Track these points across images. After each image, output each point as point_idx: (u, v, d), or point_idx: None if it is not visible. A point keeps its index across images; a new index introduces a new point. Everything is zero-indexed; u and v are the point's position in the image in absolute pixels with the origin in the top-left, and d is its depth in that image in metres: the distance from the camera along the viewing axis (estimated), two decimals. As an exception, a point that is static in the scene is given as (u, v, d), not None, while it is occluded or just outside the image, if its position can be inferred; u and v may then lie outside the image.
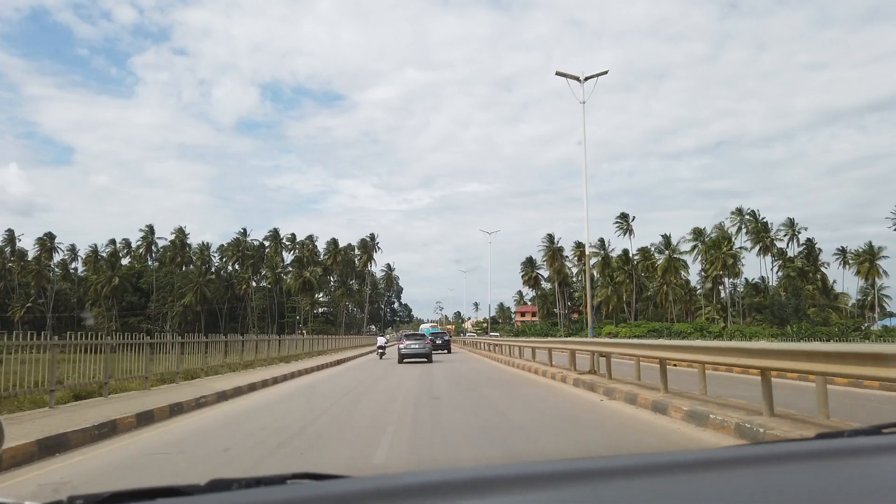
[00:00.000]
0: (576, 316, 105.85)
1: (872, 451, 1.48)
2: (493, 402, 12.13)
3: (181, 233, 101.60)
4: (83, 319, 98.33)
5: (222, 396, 12.94)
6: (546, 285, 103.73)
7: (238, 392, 14.01)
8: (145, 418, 9.46)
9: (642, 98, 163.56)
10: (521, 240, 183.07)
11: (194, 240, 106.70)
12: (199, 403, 11.65)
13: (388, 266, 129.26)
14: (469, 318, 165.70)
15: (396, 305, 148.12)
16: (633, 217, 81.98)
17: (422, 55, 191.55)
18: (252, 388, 15.05)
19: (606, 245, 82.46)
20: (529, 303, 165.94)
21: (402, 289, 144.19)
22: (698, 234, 78.79)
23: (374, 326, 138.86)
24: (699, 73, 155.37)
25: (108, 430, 8.33)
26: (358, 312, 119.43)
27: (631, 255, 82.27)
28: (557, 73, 21.84)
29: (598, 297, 78.09)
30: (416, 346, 28.37)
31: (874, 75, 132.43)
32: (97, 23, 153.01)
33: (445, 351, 40.42)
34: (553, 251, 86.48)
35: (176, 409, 10.61)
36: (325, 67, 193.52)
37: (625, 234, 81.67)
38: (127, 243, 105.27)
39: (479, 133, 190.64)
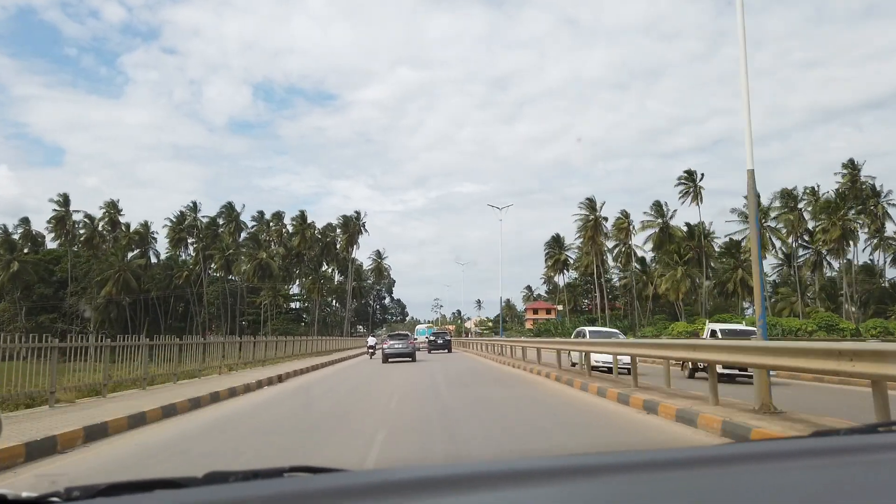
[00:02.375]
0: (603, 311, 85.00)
1: (868, 449, 1.45)
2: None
3: (112, 207, 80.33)
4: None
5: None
6: (563, 275, 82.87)
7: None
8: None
9: (637, 97, 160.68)
10: (518, 240, 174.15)
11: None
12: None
13: (378, 253, 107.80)
14: (469, 318, 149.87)
15: (388, 301, 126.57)
16: (703, 175, 60.60)
17: (415, 54, 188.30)
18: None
19: (665, 211, 60.77)
20: (542, 297, 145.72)
21: (395, 281, 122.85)
22: (788, 197, 57.88)
23: (361, 327, 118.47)
24: (694, 72, 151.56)
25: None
26: (340, 309, 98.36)
27: (699, 226, 60.70)
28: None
29: (665, 282, 57.07)
30: (400, 346, 28.84)
31: (870, 73, 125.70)
32: (85, 21, 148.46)
33: (445, 350, 41.34)
34: (596, 221, 64.49)
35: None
36: (317, 66, 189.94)
37: (691, 200, 60.34)
38: (59, 221, 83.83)
39: (475, 133, 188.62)
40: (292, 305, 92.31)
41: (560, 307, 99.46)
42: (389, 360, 28.31)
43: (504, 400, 12.57)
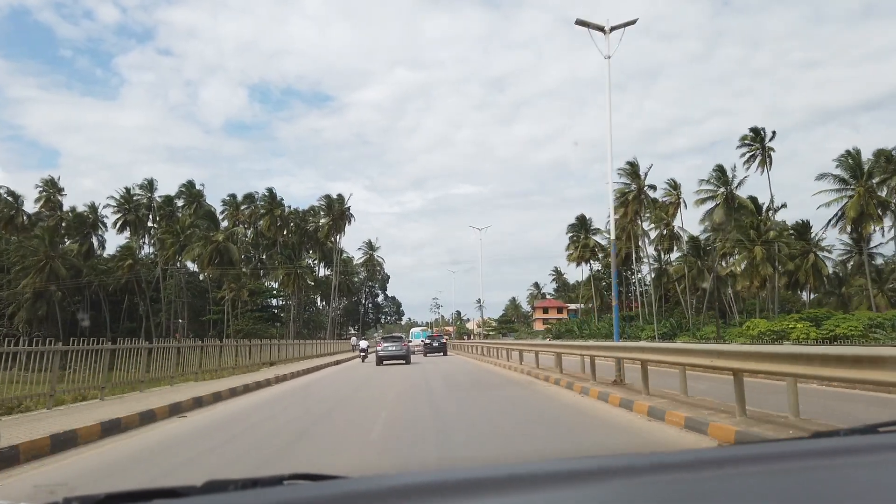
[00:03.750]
0: (629, 308, 72.45)
1: (868, 449, 1.47)
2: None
3: (51, 186, 67.56)
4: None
5: None
6: (589, 265, 69.91)
7: None
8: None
9: (635, 97, 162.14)
10: (515, 241, 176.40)
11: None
12: None
13: (370, 244, 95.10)
14: (469, 319, 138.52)
15: (381, 299, 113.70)
16: (773, 133, 47.70)
17: (413, 55, 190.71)
18: None
19: (730, 177, 47.51)
20: (550, 296, 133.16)
21: (389, 277, 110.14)
22: (888, 160, 45.28)
23: (353, 328, 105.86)
24: (692, 72, 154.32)
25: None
26: (328, 307, 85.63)
27: (769, 200, 47.60)
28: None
29: (737, 264, 44.28)
30: (394, 349, 28.75)
31: (868, 74, 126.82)
32: (79, 22, 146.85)
33: (441, 353, 40.44)
34: (639, 192, 50.86)
35: None
36: (313, 68, 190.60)
37: (758, 165, 47.47)
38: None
39: (472, 134, 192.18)
40: (270, 303, 79.63)
41: (579, 305, 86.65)
42: (384, 362, 28.27)
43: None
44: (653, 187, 50.56)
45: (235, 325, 56.42)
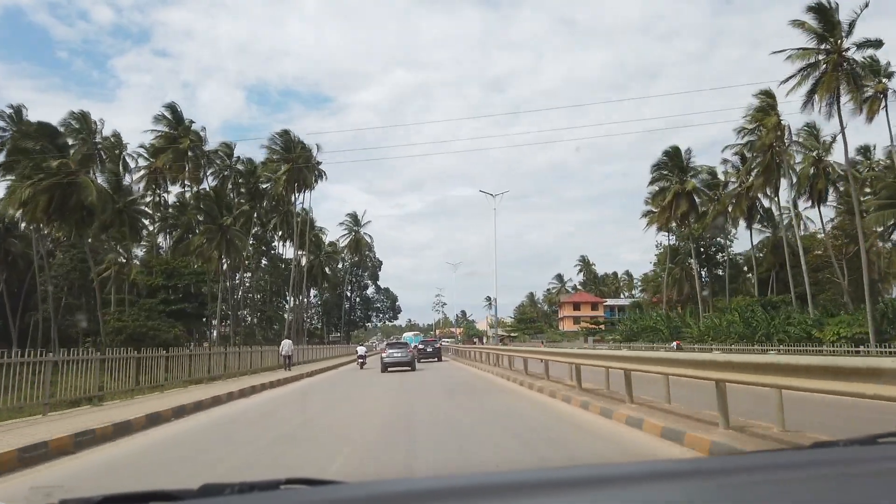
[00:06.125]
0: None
1: (868, 460, 1.47)
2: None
3: None
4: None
5: None
6: (684, 226, 47.42)
7: None
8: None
9: (634, 98, 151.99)
10: (515, 243, 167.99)
11: None
12: None
13: (354, 218, 72.43)
14: (474, 320, 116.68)
15: (371, 291, 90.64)
16: None
17: (410, 55, 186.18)
18: None
19: None
20: (580, 288, 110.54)
21: (382, 263, 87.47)
22: None
23: (338, 332, 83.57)
24: (692, 72, 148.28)
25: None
26: (303, 301, 63.26)
27: None
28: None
29: None
30: (399, 355, 28.01)
31: None
32: (74, 23, 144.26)
33: (435, 359, 38.09)
34: (838, 56, 25.60)
35: None
36: (311, 69, 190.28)
37: None
38: None
39: (471, 135, 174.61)
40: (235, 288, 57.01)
41: (643, 295, 64.29)
42: (389, 369, 27.12)
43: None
44: (875, 43, 25.82)
45: (116, 321, 33.87)
